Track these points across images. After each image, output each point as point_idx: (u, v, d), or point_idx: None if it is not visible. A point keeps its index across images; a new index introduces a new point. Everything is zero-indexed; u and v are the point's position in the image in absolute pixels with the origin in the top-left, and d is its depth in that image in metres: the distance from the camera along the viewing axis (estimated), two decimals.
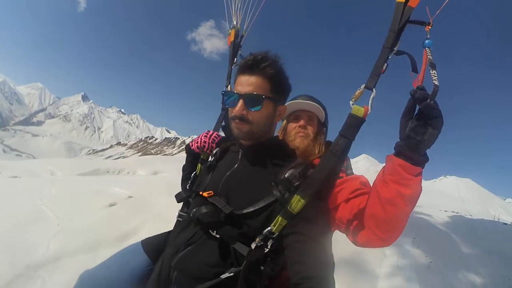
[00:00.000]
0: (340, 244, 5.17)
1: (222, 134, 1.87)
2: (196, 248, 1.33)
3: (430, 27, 1.21)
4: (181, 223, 1.52)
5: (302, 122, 1.93)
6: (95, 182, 8.83)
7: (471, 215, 10.52)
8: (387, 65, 1.21)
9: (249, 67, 1.34)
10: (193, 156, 1.83)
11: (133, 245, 1.68)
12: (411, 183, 1.15)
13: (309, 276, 1.04)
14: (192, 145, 1.80)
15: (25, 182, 8.53)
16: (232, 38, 2.16)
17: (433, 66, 1.16)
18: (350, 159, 1.91)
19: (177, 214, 1.63)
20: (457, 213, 10.19)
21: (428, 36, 1.21)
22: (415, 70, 1.22)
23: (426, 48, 1.20)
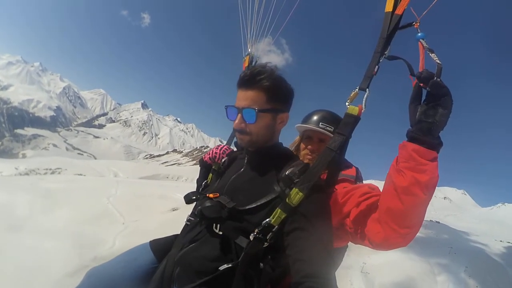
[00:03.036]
0: (394, 270, 4.99)
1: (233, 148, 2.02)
2: (199, 244, 1.43)
3: (418, 24, 1.35)
4: (188, 226, 1.60)
5: (310, 147, 2.01)
6: (158, 187, 9.41)
7: None
8: (378, 68, 1.36)
9: (246, 82, 1.44)
10: (206, 168, 1.97)
11: (141, 244, 1.78)
12: (427, 168, 1.15)
13: (310, 274, 1.07)
14: (204, 157, 1.97)
15: (92, 181, 9.25)
16: (246, 64, 2.39)
17: (431, 50, 1.26)
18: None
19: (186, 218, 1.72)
20: None
21: (419, 31, 1.34)
22: (412, 74, 1.30)
23: (420, 40, 1.32)
